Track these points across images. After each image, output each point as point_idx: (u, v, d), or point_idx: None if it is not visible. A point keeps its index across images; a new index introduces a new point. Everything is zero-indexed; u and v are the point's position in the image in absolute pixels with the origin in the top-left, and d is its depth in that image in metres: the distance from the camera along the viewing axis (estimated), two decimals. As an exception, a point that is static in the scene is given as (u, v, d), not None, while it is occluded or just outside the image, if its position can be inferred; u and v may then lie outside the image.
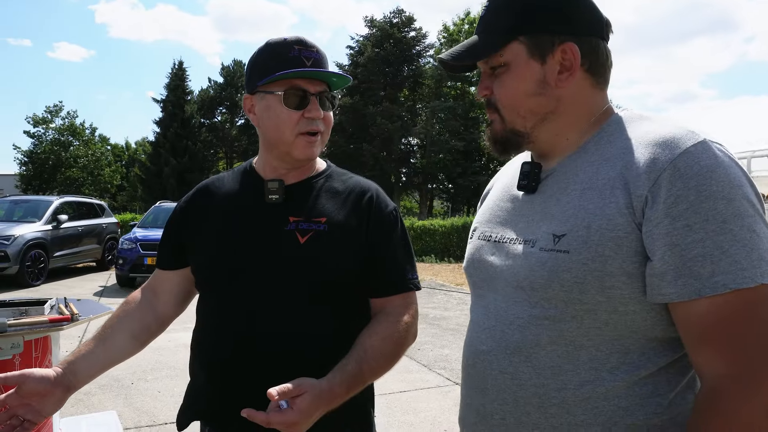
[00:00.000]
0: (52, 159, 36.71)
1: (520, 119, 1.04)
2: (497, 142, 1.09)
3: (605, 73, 1.05)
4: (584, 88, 1.03)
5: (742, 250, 0.82)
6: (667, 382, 0.93)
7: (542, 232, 1.00)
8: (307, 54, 1.31)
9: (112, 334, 1.42)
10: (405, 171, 37.21)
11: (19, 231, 10.24)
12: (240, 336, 1.29)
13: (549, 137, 1.05)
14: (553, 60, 1.00)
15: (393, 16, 36.86)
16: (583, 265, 0.91)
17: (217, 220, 1.40)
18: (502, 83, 1.04)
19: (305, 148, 1.33)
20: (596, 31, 1.02)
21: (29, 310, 2.87)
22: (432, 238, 17.38)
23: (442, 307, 8.88)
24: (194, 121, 36.57)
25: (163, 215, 12.27)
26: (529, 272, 0.98)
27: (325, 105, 1.34)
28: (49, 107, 38.52)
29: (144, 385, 4.88)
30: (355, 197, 1.39)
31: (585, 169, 0.99)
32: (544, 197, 1.04)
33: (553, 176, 1.05)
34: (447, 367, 5.53)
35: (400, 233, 1.41)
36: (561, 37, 0.99)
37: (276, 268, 1.30)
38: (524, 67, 1.01)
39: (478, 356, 1.06)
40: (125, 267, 10.22)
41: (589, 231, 0.92)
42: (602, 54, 1.03)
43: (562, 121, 1.04)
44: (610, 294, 0.90)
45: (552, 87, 1.01)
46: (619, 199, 0.91)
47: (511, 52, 1.01)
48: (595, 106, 1.04)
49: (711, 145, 0.88)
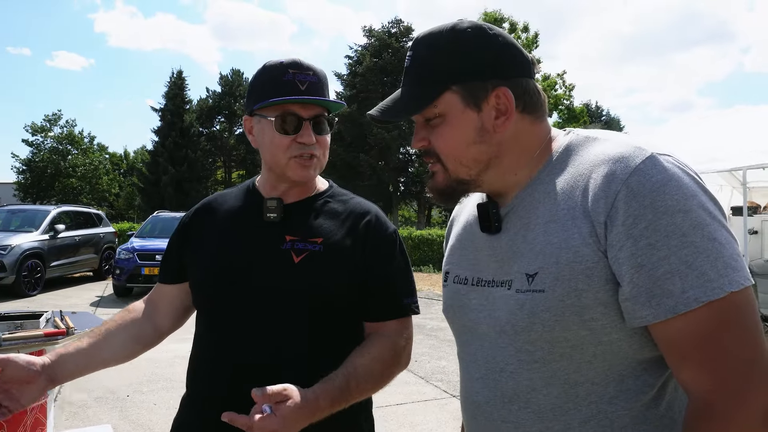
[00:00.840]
0: (50, 168, 36.70)
1: (464, 168, 1.02)
2: (442, 194, 1.06)
3: (541, 107, 1.04)
4: (523, 126, 1.02)
5: (707, 260, 0.81)
6: (666, 400, 0.93)
7: (515, 272, 0.98)
8: (301, 78, 1.31)
9: (108, 337, 1.41)
10: (403, 180, 37.22)
11: (16, 241, 10.21)
12: (231, 363, 1.29)
13: (495, 179, 1.04)
14: (488, 106, 0.98)
15: (391, 26, 37.03)
16: (560, 302, 0.90)
17: (216, 236, 1.41)
18: (441, 135, 1.01)
19: (299, 170, 1.33)
20: (525, 71, 1.01)
21: (24, 324, 2.86)
22: (430, 248, 17.38)
23: (440, 318, 8.86)
24: (193, 130, 36.64)
25: (161, 225, 12.27)
26: (510, 316, 0.97)
27: (319, 129, 1.34)
28: (48, 116, 38.64)
29: (140, 397, 4.86)
30: (354, 219, 1.38)
31: (543, 201, 0.98)
32: (509, 235, 1.02)
33: (513, 213, 1.03)
34: (444, 380, 5.51)
35: (399, 256, 1.40)
36: (492, 83, 0.98)
37: (269, 287, 1.30)
38: (461, 117, 0.99)
39: (477, 408, 1.04)
40: (122, 277, 10.20)
41: (558, 266, 0.91)
42: (534, 92, 1.02)
43: (506, 162, 1.02)
44: (591, 326, 0.90)
45: (491, 133, 0.99)
46: (582, 229, 0.90)
47: (446, 103, 0.99)
48: (537, 139, 1.04)
49: (659, 158, 0.87)
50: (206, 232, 1.43)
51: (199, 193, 34.47)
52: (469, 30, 0.99)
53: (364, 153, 33.81)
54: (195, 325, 1.44)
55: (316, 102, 1.32)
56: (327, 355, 1.29)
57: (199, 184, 35.59)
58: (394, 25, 37.03)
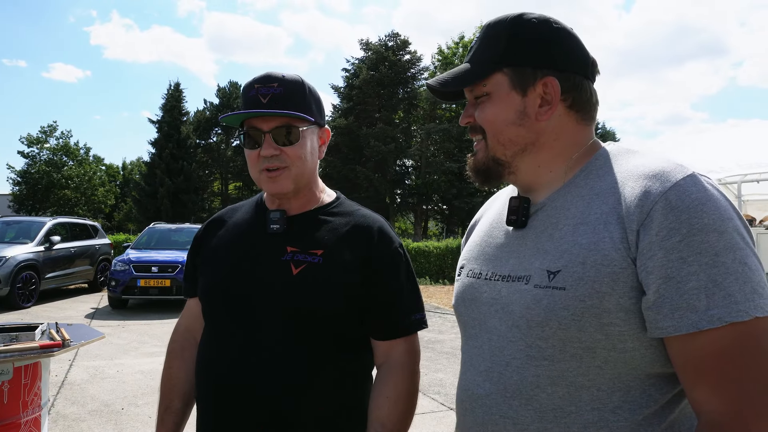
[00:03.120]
0: (44, 179, 36.64)
1: (500, 147, 1.05)
2: (479, 172, 1.10)
3: (590, 110, 1.06)
4: (567, 123, 1.04)
5: (735, 283, 0.82)
6: (669, 419, 0.92)
7: (535, 269, 0.98)
8: (264, 91, 1.31)
9: (182, 404, 1.50)
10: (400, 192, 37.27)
11: (10, 252, 10.16)
12: (223, 379, 1.30)
13: (530, 169, 1.06)
14: (533, 93, 1.02)
15: (388, 39, 37.27)
16: (580, 302, 0.90)
17: (223, 247, 1.42)
18: (483, 110, 1.06)
19: (269, 183, 1.34)
20: (580, 69, 1.04)
21: (20, 336, 2.84)
22: (427, 260, 17.36)
23: (437, 330, 8.84)
24: (189, 141, 36.65)
25: (157, 236, 12.22)
26: (525, 310, 0.97)
27: (282, 140, 1.32)
28: (43, 127, 38.60)
29: (134, 410, 4.82)
30: (357, 231, 1.38)
31: (575, 203, 0.99)
32: (535, 232, 1.03)
33: (543, 211, 1.04)
34: (442, 392, 5.48)
35: (404, 270, 1.39)
36: (543, 72, 1.01)
37: (268, 298, 1.30)
38: (505, 98, 1.03)
39: (476, 401, 1.03)
40: (118, 289, 10.14)
41: (584, 267, 0.91)
42: (586, 92, 1.04)
43: (543, 153, 1.05)
44: (608, 331, 0.89)
45: (532, 119, 1.02)
46: (614, 234, 0.90)
47: (494, 83, 1.04)
48: (579, 141, 1.06)
49: (700, 178, 0.89)
50: (215, 243, 1.45)
51: (195, 205, 34.43)
52: (534, 20, 1.04)
53: (360, 165, 33.87)
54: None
55: (272, 114, 1.31)
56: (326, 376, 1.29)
57: (196, 195, 35.51)
58: (391, 39, 37.28)
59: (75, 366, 6.16)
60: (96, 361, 6.33)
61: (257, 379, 1.26)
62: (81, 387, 5.41)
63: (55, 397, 5.04)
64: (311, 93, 1.38)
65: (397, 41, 37.14)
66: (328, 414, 1.29)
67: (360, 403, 1.35)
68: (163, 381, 1.53)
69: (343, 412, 1.32)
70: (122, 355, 6.64)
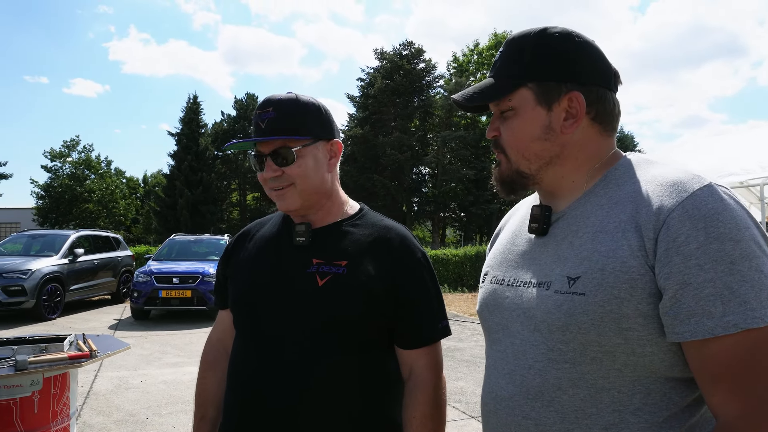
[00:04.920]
0: (68, 193, 37.32)
1: (525, 161, 1.08)
2: (504, 183, 1.13)
3: (612, 121, 1.08)
4: (590, 134, 1.06)
5: (751, 290, 0.84)
6: (690, 422, 0.93)
7: (556, 275, 1.01)
8: (263, 117, 1.36)
9: (216, 413, 1.52)
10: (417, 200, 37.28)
11: (36, 265, 10.36)
12: (247, 389, 1.33)
13: (554, 179, 1.09)
14: (559, 107, 1.04)
15: (402, 48, 37.45)
16: (600, 307, 0.92)
17: (251, 260, 1.46)
18: (509, 127, 1.08)
19: (278, 201, 1.40)
20: (604, 81, 1.06)
21: (49, 347, 2.91)
22: (445, 268, 17.32)
23: (456, 338, 8.81)
24: (208, 153, 37.11)
25: (178, 248, 12.38)
26: (546, 315, 0.99)
27: (280, 161, 1.36)
28: (66, 142, 39.41)
29: (159, 420, 4.88)
30: (381, 241, 1.40)
31: (595, 212, 1.02)
32: (556, 240, 1.06)
33: (563, 219, 1.07)
34: (462, 401, 5.46)
35: (427, 280, 1.40)
36: (568, 86, 1.03)
37: (294, 310, 1.33)
38: (531, 113, 1.05)
39: (500, 402, 1.06)
40: (140, 300, 10.28)
41: (603, 273, 0.93)
42: (609, 103, 1.06)
43: (567, 165, 1.07)
44: (627, 336, 0.91)
45: (557, 133, 1.05)
46: (632, 242, 0.92)
47: (519, 98, 1.06)
48: (601, 151, 1.08)
49: (717, 188, 0.92)
50: (243, 255, 1.49)
51: (214, 216, 34.78)
52: (557, 34, 1.05)
53: (377, 174, 33.96)
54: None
55: (263, 141, 1.36)
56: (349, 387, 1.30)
57: (215, 206, 35.89)
58: (406, 47, 37.45)
59: (100, 376, 6.25)
60: (120, 372, 6.43)
61: (280, 389, 1.28)
62: (106, 397, 5.50)
63: (82, 407, 5.12)
64: (309, 110, 1.39)
65: (412, 50, 37.30)
66: (351, 426, 1.30)
67: (385, 414, 1.36)
68: (197, 391, 1.57)
69: (368, 423, 1.32)
70: (146, 366, 6.73)
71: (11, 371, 2.61)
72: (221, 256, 1.59)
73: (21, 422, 2.78)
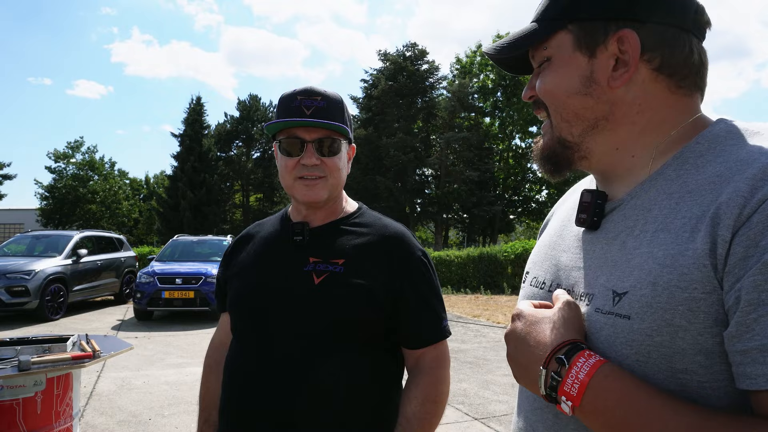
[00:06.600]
0: (71, 194, 37.44)
1: (565, 124, 0.85)
2: (545, 158, 0.89)
3: (691, 74, 0.80)
4: (655, 91, 0.80)
5: None
6: None
7: (600, 285, 0.78)
8: (308, 103, 1.37)
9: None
10: (420, 202, 37.25)
11: (39, 266, 10.38)
12: (243, 389, 1.32)
13: (606, 152, 0.84)
14: (605, 53, 0.79)
15: (406, 49, 37.45)
16: (647, 336, 0.68)
17: (249, 261, 1.47)
18: (543, 80, 0.86)
19: (304, 190, 1.38)
20: (675, 18, 0.79)
21: (52, 347, 2.92)
22: (448, 269, 17.30)
23: (459, 340, 8.79)
24: (211, 154, 37.16)
25: (181, 249, 12.40)
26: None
27: (323, 151, 1.38)
28: (70, 143, 39.57)
29: (161, 420, 4.88)
30: (380, 240, 1.40)
31: (660, 202, 0.76)
32: (607, 238, 0.82)
33: (620, 210, 0.82)
34: (465, 402, 5.45)
35: (427, 279, 1.40)
36: (619, 24, 0.78)
37: (290, 309, 1.32)
38: (567, 60, 0.82)
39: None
40: (143, 301, 10.29)
41: (654, 289, 0.69)
42: (683, 49, 0.79)
43: (621, 131, 0.82)
44: (683, 380, 0.67)
45: (602, 86, 0.80)
46: (699, 246, 0.67)
47: (556, 44, 0.84)
48: (674, 116, 0.81)
49: None
50: (242, 258, 1.50)
51: (217, 217, 34.80)
52: None
53: (380, 175, 33.97)
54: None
55: (317, 125, 1.36)
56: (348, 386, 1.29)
57: (218, 207, 35.92)
58: (409, 49, 37.44)
59: (103, 377, 6.26)
60: (123, 372, 6.43)
61: (275, 389, 1.27)
62: (109, 398, 5.50)
63: (84, 408, 5.12)
64: (346, 111, 1.45)
65: (415, 51, 37.29)
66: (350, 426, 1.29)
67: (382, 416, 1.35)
68: (201, 395, 1.58)
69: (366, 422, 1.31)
70: (148, 366, 6.73)
71: (14, 371, 2.61)
72: (221, 260, 1.59)
73: (24, 422, 2.78)
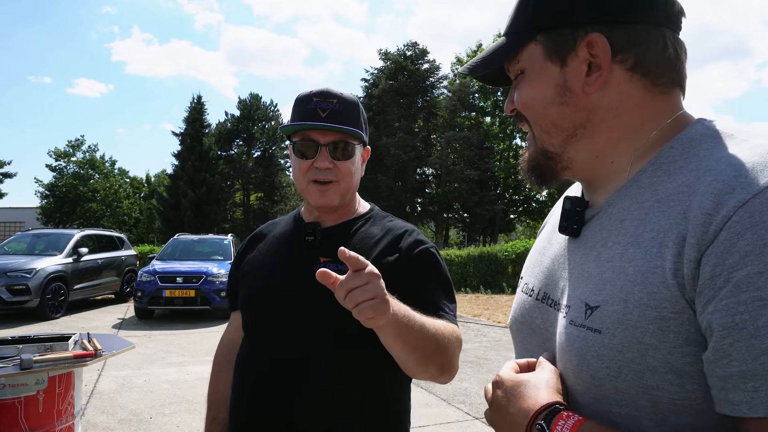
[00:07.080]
0: (72, 193, 37.46)
1: (545, 135, 0.82)
2: (531, 171, 0.87)
3: (668, 70, 0.77)
4: (630, 92, 0.76)
5: None
6: None
7: (576, 298, 0.75)
8: (324, 105, 1.36)
9: (228, 415, 1.48)
10: (420, 201, 37.26)
11: (40, 264, 10.39)
12: (257, 388, 1.32)
13: (586, 160, 0.81)
14: (576, 59, 0.76)
15: (407, 48, 37.45)
16: (617, 352, 0.67)
17: (261, 260, 1.47)
18: (519, 93, 0.84)
19: (317, 195, 1.38)
20: (645, 15, 0.75)
21: (54, 346, 2.92)
22: (449, 268, 17.28)
23: (460, 339, 8.78)
24: (212, 153, 37.17)
25: (182, 247, 12.40)
26: (561, 351, 0.77)
27: (336, 154, 1.37)
28: (71, 141, 39.57)
29: (162, 419, 4.88)
30: (390, 238, 1.40)
31: (633, 213, 0.73)
32: (585, 247, 0.79)
33: (597, 218, 0.80)
34: (466, 401, 5.45)
35: (437, 272, 1.39)
36: (586, 28, 0.75)
37: (300, 308, 1.33)
38: (539, 72, 0.80)
39: None
40: (144, 299, 10.30)
41: (626, 306, 0.67)
42: (656, 44, 0.75)
43: (599, 138, 0.79)
44: (654, 398, 0.65)
45: (577, 94, 0.77)
46: (667, 264, 0.64)
47: (527, 56, 0.81)
48: (653, 116, 0.77)
49: None
50: (254, 257, 1.50)
51: (217, 216, 34.81)
52: None
53: (381, 174, 33.97)
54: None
55: (331, 129, 1.35)
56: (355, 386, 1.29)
57: (218, 206, 35.93)
58: (410, 48, 37.44)
59: (104, 376, 6.26)
60: (124, 371, 6.43)
61: (285, 389, 1.27)
62: (110, 396, 5.50)
63: (86, 406, 5.13)
64: (362, 113, 1.44)
65: (416, 50, 37.28)
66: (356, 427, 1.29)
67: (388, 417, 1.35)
68: (209, 392, 1.57)
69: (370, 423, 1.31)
70: (149, 365, 6.73)
71: (16, 370, 2.61)
72: (234, 258, 1.59)
73: (26, 421, 2.78)
